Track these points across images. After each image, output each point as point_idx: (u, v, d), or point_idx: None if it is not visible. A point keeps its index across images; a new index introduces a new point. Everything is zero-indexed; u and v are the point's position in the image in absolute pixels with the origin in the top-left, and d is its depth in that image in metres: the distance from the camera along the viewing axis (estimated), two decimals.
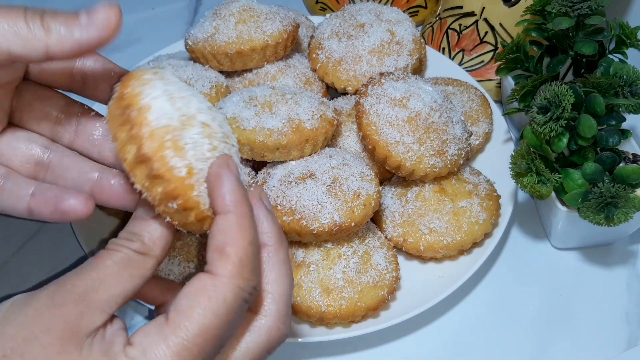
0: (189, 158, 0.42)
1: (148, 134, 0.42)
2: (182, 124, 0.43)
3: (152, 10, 1.17)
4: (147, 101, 0.42)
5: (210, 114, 0.45)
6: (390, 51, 0.81)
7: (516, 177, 0.68)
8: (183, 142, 0.42)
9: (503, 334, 0.72)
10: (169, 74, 0.46)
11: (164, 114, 0.42)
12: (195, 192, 0.43)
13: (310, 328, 0.68)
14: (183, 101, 0.44)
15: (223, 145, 0.45)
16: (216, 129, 0.45)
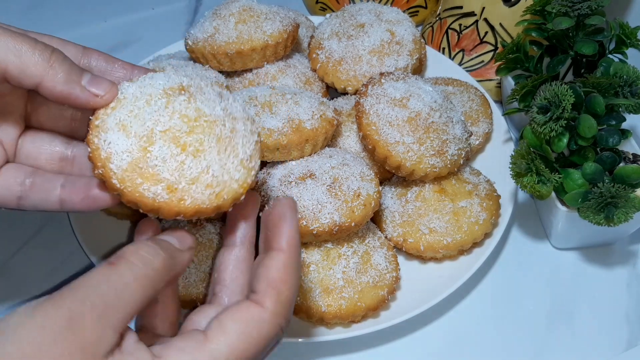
0: (165, 177, 0.45)
1: (120, 185, 0.45)
2: (143, 149, 0.45)
3: (152, 10, 1.17)
4: (105, 152, 0.45)
5: (167, 112, 0.46)
6: (390, 51, 0.81)
7: (516, 177, 0.68)
8: (151, 168, 0.45)
9: (503, 334, 0.72)
10: (124, 91, 0.47)
11: (123, 152, 0.45)
12: (188, 201, 0.45)
13: (310, 328, 0.68)
14: (137, 121, 0.45)
15: (193, 134, 0.46)
16: (178, 125, 0.46)
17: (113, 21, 1.14)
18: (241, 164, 0.47)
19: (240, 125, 0.48)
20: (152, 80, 0.47)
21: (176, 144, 0.45)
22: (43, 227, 0.81)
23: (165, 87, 0.47)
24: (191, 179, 0.45)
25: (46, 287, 0.75)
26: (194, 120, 0.46)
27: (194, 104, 0.47)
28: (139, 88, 0.47)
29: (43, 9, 1.17)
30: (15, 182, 0.50)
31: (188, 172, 0.45)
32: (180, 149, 0.45)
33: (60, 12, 1.16)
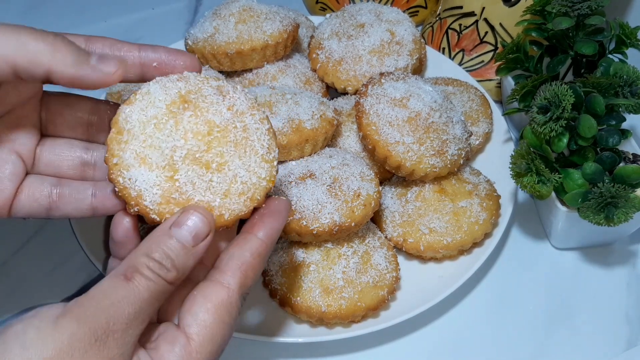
0: (199, 200, 0.46)
1: (159, 218, 0.46)
2: (169, 179, 0.46)
3: (152, 10, 1.17)
4: (135, 190, 0.45)
5: (179, 132, 0.46)
6: (390, 51, 0.81)
7: (516, 177, 0.68)
8: (184, 195, 0.46)
9: (503, 334, 0.72)
10: (128, 123, 0.46)
11: (152, 187, 0.45)
12: (227, 214, 0.47)
13: (310, 328, 0.68)
14: (154, 151, 0.46)
15: (211, 149, 0.46)
16: (195, 145, 0.46)
17: (113, 21, 1.14)
18: (263, 160, 0.48)
19: (249, 119, 0.48)
20: (150, 97, 0.47)
21: (199, 165, 0.46)
22: (43, 227, 0.81)
23: (167, 103, 0.47)
24: (223, 193, 0.46)
25: (46, 287, 0.75)
26: (207, 135, 0.47)
27: (202, 117, 0.47)
28: (141, 111, 0.47)
29: (43, 9, 1.17)
30: (41, 195, 0.51)
31: (218, 188, 0.46)
32: (205, 168, 0.46)
33: (60, 12, 1.17)
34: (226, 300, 0.45)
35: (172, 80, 0.48)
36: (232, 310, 0.45)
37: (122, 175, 0.45)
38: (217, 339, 0.44)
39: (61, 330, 0.38)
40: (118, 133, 0.46)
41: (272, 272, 0.69)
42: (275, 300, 0.68)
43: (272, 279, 0.68)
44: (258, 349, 0.70)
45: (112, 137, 0.46)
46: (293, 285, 0.66)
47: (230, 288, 0.45)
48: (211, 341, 0.44)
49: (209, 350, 0.44)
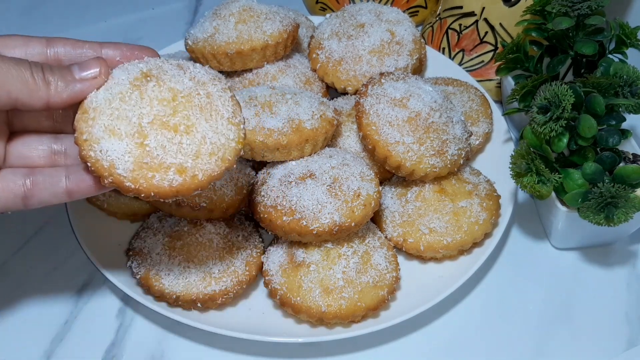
0: (171, 163, 0.47)
1: (134, 185, 0.47)
2: (140, 145, 0.47)
3: (152, 10, 1.17)
4: (107, 161, 0.46)
5: (144, 102, 0.48)
6: (390, 51, 0.81)
7: (516, 177, 0.68)
8: (156, 159, 0.47)
9: (503, 334, 0.72)
10: (94, 102, 0.48)
11: (123, 154, 0.46)
12: (200, 174, 0.48)
13: (310, 328, 0.68)
14: (121, 122, 0.47)
15: (177, 113, 0.48)
16: (161, 111, 0.48)
17: (113, 21, 1.14)
18: (229, 122, 0.50)
19: (211, 87, 0.50)
20: (114, 79, 0.49)
21: (167, 128, 0.47)
22: (43, 227, 0.81)
23: (130, 80, 0.49)
24: (194, 154, 0.48)
25: (46, 287, 0.75)
26: (172, 100, 0.48)
27: (165, 86, 0.49)
28: (106, 91, 0.48)
29: (43, 9, 1.17)
30: (15, 185, 0.52)
31: (189, 149, 0.48)
32: (173, 131, 0.47)
33: (60, 12, 1.17)
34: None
35: (133, 64, 0.50)
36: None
37: (93, 149, 0.46)
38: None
39: None
40: (84, 112, 0.48)
41: (272, 272, 0.69)
42: (275, 300, 0.68)
43: (272, 279, 0.68)
44: (258, 349, 0.70)
45: (78, 117, 0.48)
46: (293, 285, 0.66)
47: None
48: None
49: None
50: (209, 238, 0.69)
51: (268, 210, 0.67)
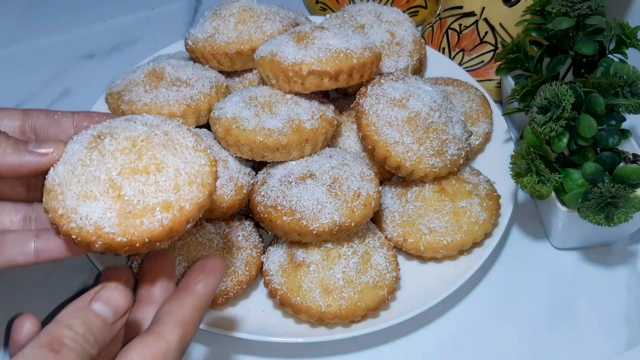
0: (155, 203, 0.46)
1: (126, 238, 0.46)
2: (117, 198, 0.46)
3: (152, 10, 1.17)
4: (90, 225, 0.45)
5: (106, 158, 0.47)
6: (390, 52, 0.81)
7: (516, 177, 0.68)
8: (138, 205, 0.46)
9: (503, 334, 0.72)
10: (56, 178, 0.48)
11: (104, 212, 0.46)
12: (187, 205, 0.47)
13: (310, 328, 0.68)
14: (91, 184, 0.46)
15: (142, 157, 0.47)
16: (125, 160, 0.47)
17: (113, 21, 1.14)
18: (196, 150, 0.49)
19: (166, 126, 0.50)
20: (68, 152, 0.49)
21: (138, 173, 0.47)
22: None
23: (85, 146, 0.48)
24: (174, 188, 0.47)
25: (46, 287, 0.75)
26: (132, 147, 0.48)
27: (120, 137, 0.48)
28: (65, 164, 0.48)
29: (43, 9, 1.17)
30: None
31: (167, 185, 0.47)
32: (145, 174, 0.47)
33: (60, 12, 1.17)
34: (163, 352, 0.45)
35: (82, 133, 0.50)
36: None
37: (72, 219, 0.46)
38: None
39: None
40: (49, 192, 0.47)
41: (272, 272, 0.69)
42: (275, 300, 0.68)
43: (272, 279, 0.68)
44: (258, 349, 0.70)
45: (46, 199, 0.47)
46: (293, 285, 0.66)
47: (169, 342, 0.46)
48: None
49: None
50: (209, 238, 0.69)
51: (268, 210, 0.67)
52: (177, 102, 0.72)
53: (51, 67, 1.06)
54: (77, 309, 0.44)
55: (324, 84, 0.69)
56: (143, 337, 0.46)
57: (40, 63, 1.06)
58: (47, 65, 1.06)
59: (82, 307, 0.44)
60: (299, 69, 0.68)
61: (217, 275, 0.50)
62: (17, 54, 1.08)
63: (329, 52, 0.68)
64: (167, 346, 0.45)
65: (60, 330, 0.42)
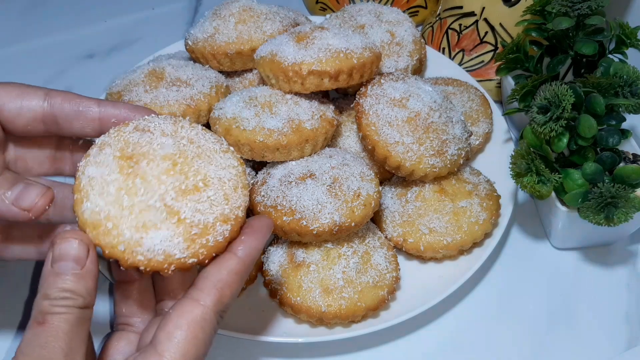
0: (212, 219, 0.46)
1: (198, 259, 0.46)
2: (178, 222, 0.45)
3: (152, 10, 1.17)
4: (161, 254, 0.45)
5: (153, 177, 0.46)
6: (390, 52, 0.81)
7: (516, 177, 0.68)
8: (200, 225, 0.46)
9: (503, 334, 0.72)
10: (103, 213, 0.46)
11: (171, 240, 0.45)
12: (239, 213, 0.48)
13: (310, 328, 0.68)
14: (148, 213, 0.45)
15: (190, 172, 0.47)
16: (175, 180, 0.46)
17: (113, 21, 1.14)
18: (224, 153, 0.49)
19: (184, 131, 0.49)
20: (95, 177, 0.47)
21: (190, 193, 0.46)
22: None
23: (117, 171, 0.46)
24: (224, 199, 0.47)
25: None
26: (173, 166, 0.47)
27: (157, 158, 0.47)
28: (100, 194, 0.46)
29: (43, 9, 1.17)
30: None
31: (218, 198, 0.47)
32: (196, 192, 0.46)
33: (60, 12, 1.17)
34: (200, 317, 0.45)
35: (99, 153, 0.47)
36: (206, 327, 0.45)
37: (138, 252, 0.45)
38: (189, 355, 0.44)
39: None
40: (97, 227, 0.45)
41: (272, 272, 0.69)
42: (275, 300, 0.68)
43: (272, 279, 0.68)
44: (258, 349, 0.70)
45: (95, 235, 0.45)
46: (293, 285, 0.66)
47: (205, 305, 0.46)
48: (183, 357, 0.44)
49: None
50: None
51: (268, 210, 0.67)
52: (177, 102, 0.72)
53: (51, 67, 1.06)
54: (46, 278, 0.44)
55: (324, 84, 0.69)
56: (179, 305, 0.46)
57: (40, 63, 1.07)
58: (47, 65, 1.06)
59: (49, 274, 0.44)
60: (299, 69, 0.68)
61: (260, 236, 0.49)
62: (17, 54, 1.08)
63: (329, 52, 0.68)
64: (204, 310, 0.45)
65: (40, 302, 0.43)
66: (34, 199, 0.46)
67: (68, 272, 0.44)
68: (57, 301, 0.43)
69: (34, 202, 0.46)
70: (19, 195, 0.46)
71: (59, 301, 0.43)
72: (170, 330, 0.44)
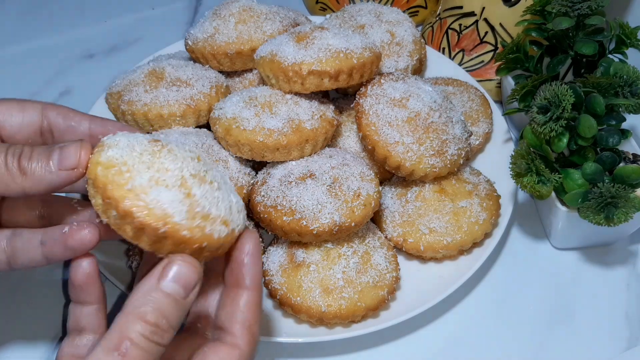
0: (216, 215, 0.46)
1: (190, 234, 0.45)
2: (187, 195, 0.45)
3: (152, 10, 1.17)
4: (161, 209, 0.44)
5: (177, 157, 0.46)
6: (390, 52, 0.81)
7: (516, 177, 0.68)
8: (204, 209, 0.46)
9: (503, 334, 0.72)
10: (119, 157, 0.46)
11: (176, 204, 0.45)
12: (237, 229, 0.48)
13: (310, 328, 0.68)
14: (164, 174, 0.45)
15: (208, 171, 0.48)
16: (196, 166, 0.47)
17: (113, 21, 1.14)
18: (235, 187, 0.51)
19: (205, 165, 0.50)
20: (121, 138, 0.47)
21: (205, 182, 0.47)
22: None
23: (148, 139, 0.47)
24: (228, 208, 0.47)
25: (46, 287, 0.75)
26: (198, 160, 0.48)
27: (182, 149, 0.48)
28: (123, 148, 0.46)
29: (43, 9, 1.17)
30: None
31: (224, 203, 0.47)
32: (210, 185, 0.47)
33: (60, 12, 1.17)
34: (237, 359, 0.46)
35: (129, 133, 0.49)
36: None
37: (141, 198, 0.44)
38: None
39: None
40: (110, 167, 0.45)
41: (272, 272, 0.69)
42: (275, 300, 0.68)
43: (272, 279, 0.68)
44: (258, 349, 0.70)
45: (105, 173, 0.45)
46: (293, 285, 0.66)
47: (242, 349, 0.47)
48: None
49: None
50: None
51: (268, 210, 0.67)
52: (177, 102, 0.72)
53: (51, 67, 1.06)
54: (145, 292, 0.43)
55: (324, 84, 0.69)
56: (217, 348, 0.46)
57: (40, 63, 1.07)
58: (47, 65, 1.06)
59: (150, 289, 0.43)
60: (299, 69, 0.68)
61: (257, 258, 0.49)
62: (17, 54, 1.08)
63: (329, 52, 0.68)
64: (241, 353, 0.47)
65: (130, 324, 0.41)
66: (76, 155, 0.46)
67: (173, 294, 0.43)
68: (148, 330, 0.41)
69: (77, 158, 0.46)
70: (60, 160, 0.46)
71: (150, 331, 0.41)
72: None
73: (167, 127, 0.73)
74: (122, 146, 0.46)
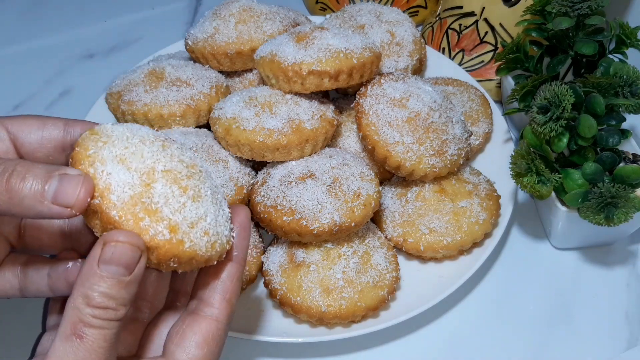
0: (167, 216, 0.43)
1: (119, 218, 0.42)
2: (145, 184, 0.43)
3: (152, 10, 1.17)
4: (104, 182, 0.42)
5: (165, 154, 0.45)
6: (390, 52, 0.81)
7: (516, 177, 0.68)
8: (154, 205, 0.43)
9: (503, 334, 0.72)
10: (109, 131, 0.45)
11: (124, 184, 0.42)
12: (187, 244, 0.44)
13: (310, 328, 0.68)
14: (135, 157, 0.44)
15: (191, 179, 0.46)
16: (178, 168, 0.45)
17: (113, 21, 1.14)
18: (227, 221, 0.48)
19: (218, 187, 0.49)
20: (138, 126, 0.47)
21: (178, 185, 0.44)
22: None
23: (154, 133, 0.46)
24: (191, 222, 0.44)
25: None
26: (191, 167, 0.46)
27: (187, 153, 0.47)
28: (127, 129, 0.45)
29: (43, 9, 1.17)
30: (12, 275, 0.51)
31: (189, 215, 0.44)
32: (182, 190, 0.44)
33: (61, 12, 1.17)
34: (216, 332, 0.46)
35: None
36: (221, 341, 0.47)
37: (94, 166, 0.42)
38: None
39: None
40: (95, 134, 0.44)
41: (272, 272, 0.69)
42: (275, 300, 0.68)
43: (272, 279, 0.68)
44: (258, 349, 0.70)
45: (87, 136, 0.44)
46: (293, 285, 0.66)
47: (219, 321, 0.47)
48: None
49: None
50: None
51: (268, 210, 0.67)
52: (177, 102, 0.72)
53: (51, 67, 1.06)
54: (87, 277, 0.41)
55: (324, 84, 0.69)
56: (195, 322, 0.46)
57: (40, 63, 1.07)
58: (47, 65, 1.06)
59: (92, 274, 0.41)
60: (299, 69, 0.68)
61: (247, 230, 0.48)
62: (17, 54, 1.08)
63: (328, 52, 0.68)
64: (218, 325, 0.47)
65: (79, 310, 0.41)
66: (75, 192, 0.41)
67: (115, 277, 0.41)
68: (98, 311, 0.40)
69: (75, 197, 0.40)
70: (56, 193, 0.40)
71: (101, 312, 0.41)
72: (187, 347, 0.45)
73: (167, 127, 0.73)
74: (126, 126, 0.46)
